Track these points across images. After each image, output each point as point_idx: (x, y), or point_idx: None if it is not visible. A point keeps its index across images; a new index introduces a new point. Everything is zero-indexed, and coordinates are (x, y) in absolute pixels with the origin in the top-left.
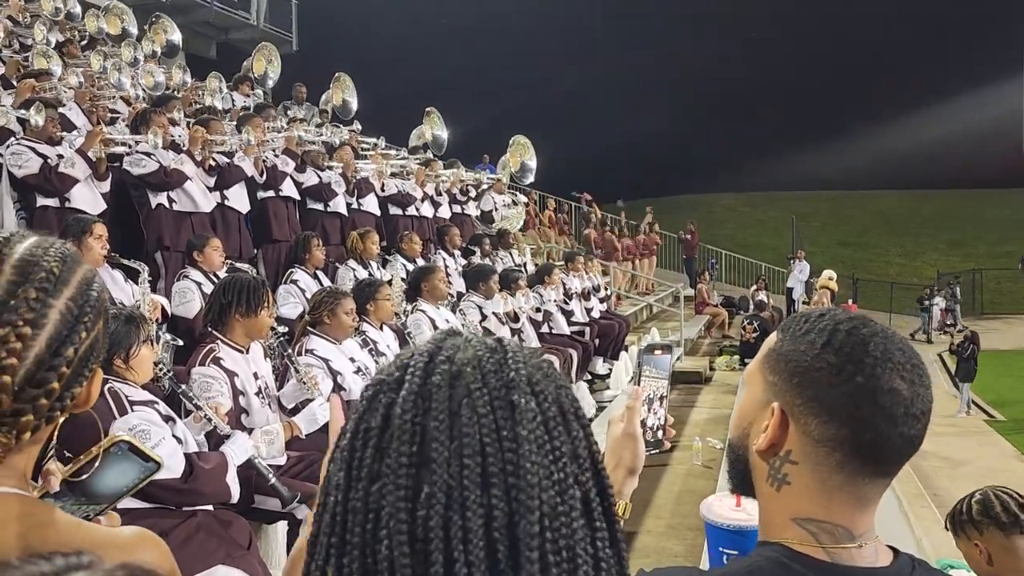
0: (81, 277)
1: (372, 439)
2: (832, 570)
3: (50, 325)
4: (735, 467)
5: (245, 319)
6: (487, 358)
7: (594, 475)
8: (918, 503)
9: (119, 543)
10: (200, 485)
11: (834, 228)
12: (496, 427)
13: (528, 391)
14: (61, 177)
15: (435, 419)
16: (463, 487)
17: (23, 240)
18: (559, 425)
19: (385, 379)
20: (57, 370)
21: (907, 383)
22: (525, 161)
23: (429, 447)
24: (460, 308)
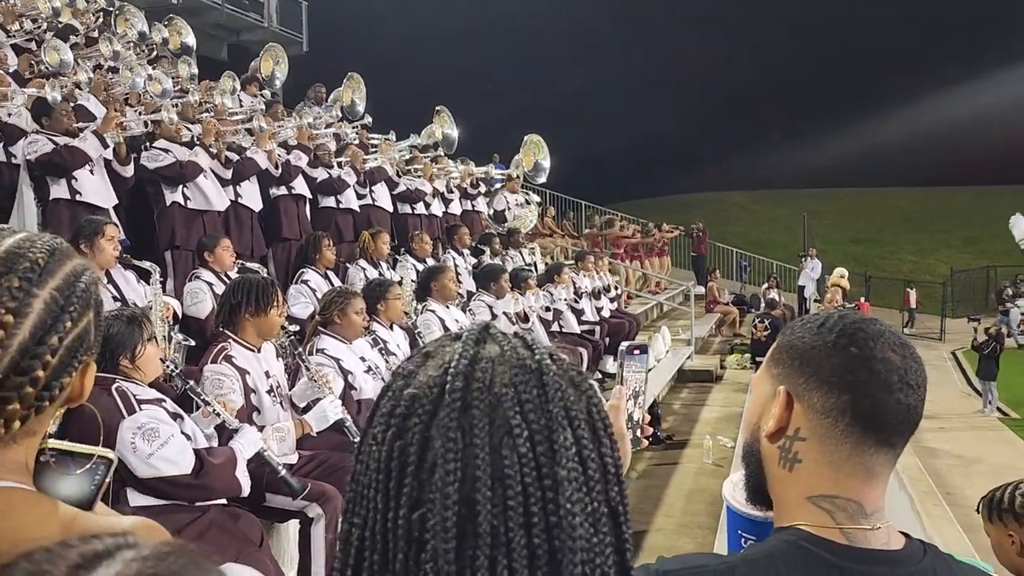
0: (70, 269)
1: (411, 466)
2: (849, 552)
3: (34, 314)
4: (749, 468)
5: (255, 318)
6: (524, 385)
7: (619, 487)
8: (930, 501)
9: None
10: (210, 480)
11: (846, 225)
12: (537, 467)
13: (566, 423)
14: (72, 150)
15: (478, 458)
16: (508, 528)
17: (13, 235)
18: (592, 451)
19: (418, 396)
20: (41, 358)
21: (899, 356)
22: (539, 160)
23: (472, 487)
24: (470, 308)
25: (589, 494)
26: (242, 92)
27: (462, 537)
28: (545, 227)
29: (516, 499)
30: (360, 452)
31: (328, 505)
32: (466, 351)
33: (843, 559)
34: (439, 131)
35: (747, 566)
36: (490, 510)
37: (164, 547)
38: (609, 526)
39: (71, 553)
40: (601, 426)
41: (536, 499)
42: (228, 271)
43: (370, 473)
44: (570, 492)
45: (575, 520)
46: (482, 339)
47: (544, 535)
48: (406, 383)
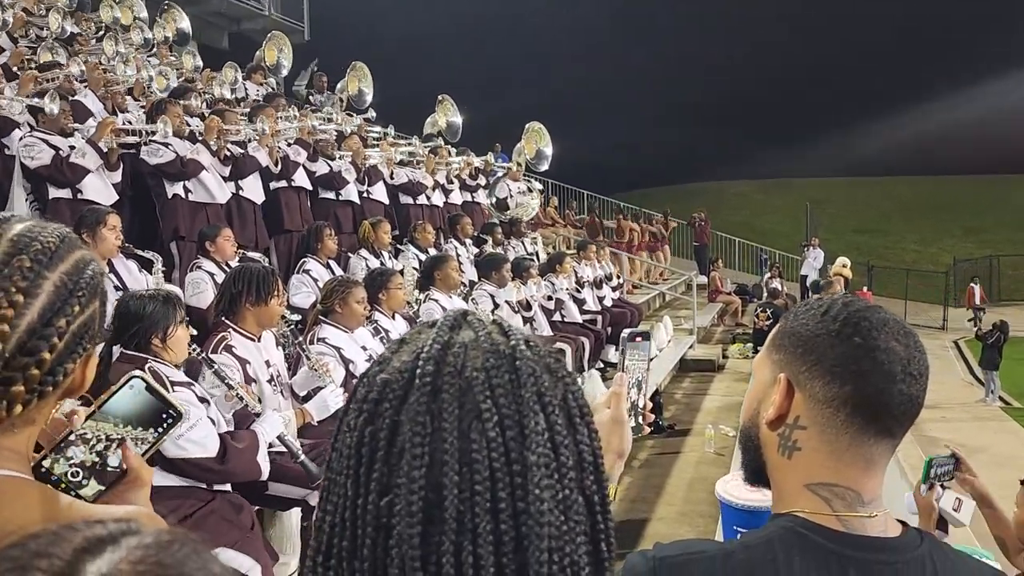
0: (78, 257)
1: (380, 451)
2: (845, 539)
3: (43, 295)
4: (748, 453)
5: (256, 308)
6: (496, 370)
7: (596, 476)
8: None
9: None
10: (233, 465)
11: (849, 215)
12: (506, 452)
13: (538, 408)
14: (72, 167)
15: (446, 442)
16: (474, 514)
17: (22, 222)
18: (566, 438)
19: (390, 381)
20: (48, 340)
21: (903, 346)
22: (541, 148)
23: (440, 471)
24: (472, 297)
25: (560, 481)
26: (247, 81)
27: (428, 522)
28: (547, 217)
29: (483, 484)
30: (335, 439)
31: None
32: (439, 336)
33: (839, 545)
34: (442, 119)
35: (745, 551)
36: (456, 495)
37: (166, 535)
38: (583, 515)
39: (76, 537)
40: (578, 413)
41: (504, 484)
42: (229, 261)
43: (342, 460)
44: (539, 478)
45: (543, 507)
46: (457, 325)
47: (511, 521)
48: (380, 369)
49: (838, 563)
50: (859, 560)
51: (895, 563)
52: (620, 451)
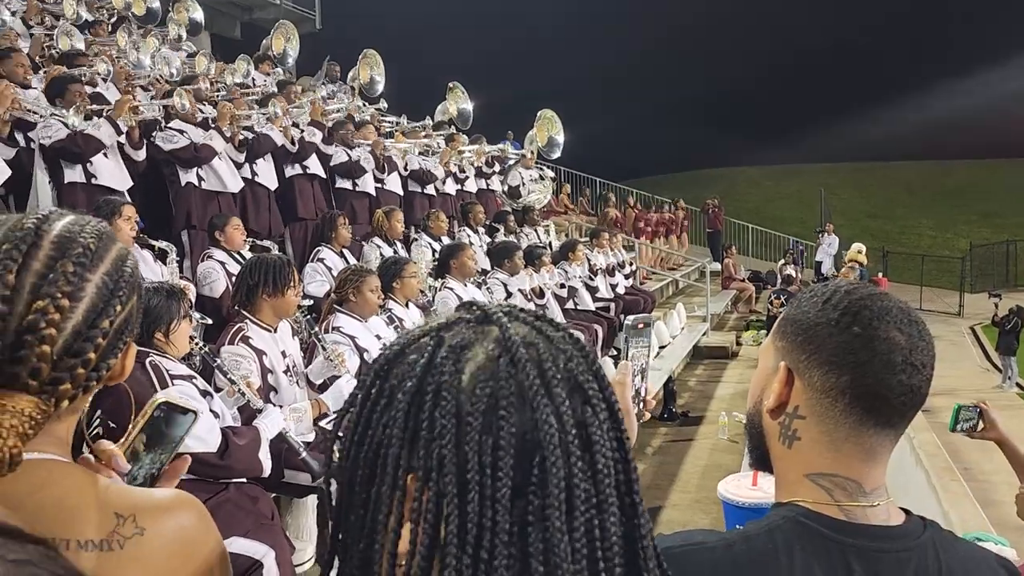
0: (116, 254)
1: (506, 459)
2: (847, 527)
3: (87, 298)
4: (752, 439)
5: (272, 299)
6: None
7: (626, 478)
8: (947, 476)
9: (160, 505)
10: (234, 460)
11: (863, 200)
12: (609, 430)
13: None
14: (86, 138)
15: (569, 434)
16: (599, 492)
17: (61, 218)
18: (582, 470)
19: (496, 390)
20: (93, 341)
21: (905, 335)
22: (553, 135)
23: (569, 461)
24: (486, 285)
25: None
26: (255, 71)
27: (568, 511)
28: (560, 205)
29: (602, 462)
30: (400, 461)
31: None
32: (510, 335)
33: (840, 533)
34: (453, 107)
35: (745, 542)
36: (585, 478)
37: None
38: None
39: None
40: (604, 384)
41: (611, 459)
42: (239, 250)
43: (441, 478)
44: (628, 444)
45: (636, 473)
46: (509, 319)
47: (621, 489)
48: (455, 379)
49: (839, 552)
50: (859, 548)
51: (896, 551)
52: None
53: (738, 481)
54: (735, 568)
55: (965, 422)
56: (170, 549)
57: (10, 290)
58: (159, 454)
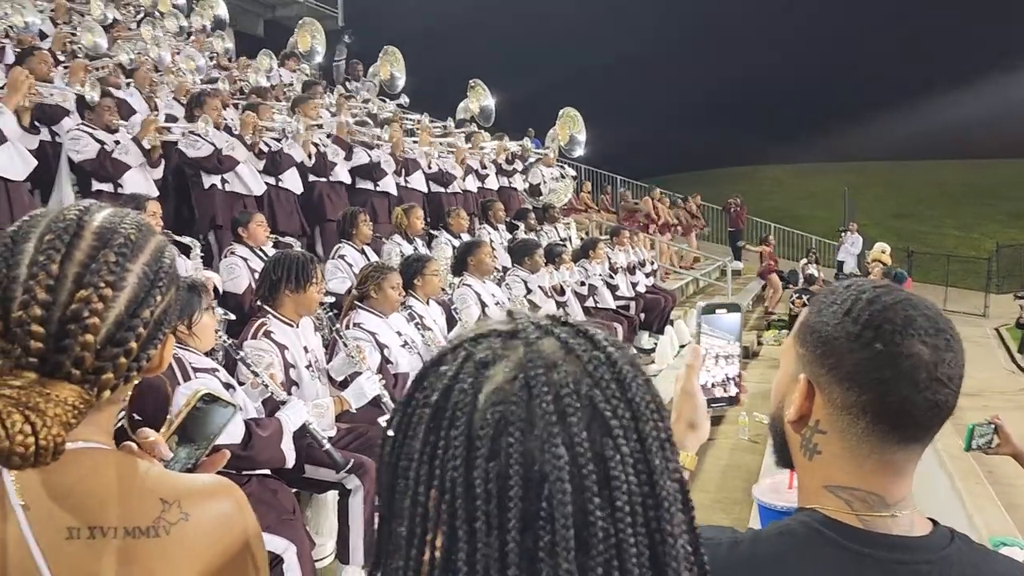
0: (155, 245)
1: (515, 487)
2: (863, 536)
3: (128, 288)
4: (776, 440)
5: (295, 294)
6: (604, 381)
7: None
8: (971, 480)
9: (202, 490)
10: (257, 452)
11: (888, 199)
12: (635, 463)
13: (646, 411)
14: (115, 163)
15: (584, 468)
16: (618, 530)
17: (101, 210)
18: (664, 432)
19: (505, 414)
20: (135, 331)
21: (930, 348)
22: (574, 134)
23: (583, 497)
24: (506, 282)
25: (670, 476)
26: (281, 68)
27: (577, 547)
28: (580, 202)
29: (622, 499)
30: (420, 476)
31: (366, 477)
32: (533, 354)
33: (856, 542)
34: (475, 104)
35: (753, 542)
36: (602, 517)
37: None
38: (682, 504)
39: None
40: (659, 401)
41: (637, 495)
42: (262, 246)
43: (454, 500)
44: (664, 480)
45: (672, 508)
46: (539, 335)
47: (644, 529)
48: (472, 397)
49: (851, 560)
50: (875, 558)
51: (915, 563)
52: (691, 421)
53: (774, 483)
54: (736, 566)
55: (980, 438)
56: (213, 534)
57: (54, 279)
58: (195, 449)
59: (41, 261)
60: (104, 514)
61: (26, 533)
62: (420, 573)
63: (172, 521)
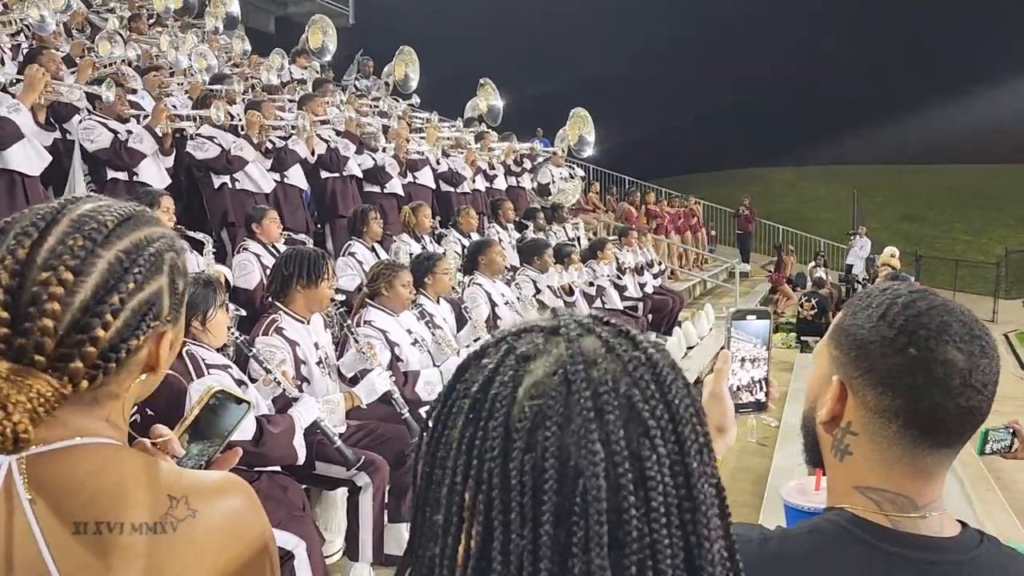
0: (143, 235)
1: (550, 480)
2: (892, 536)
3: (96, 274)
4: (807, 439)
5: (306, 290)
6: (644, 381)
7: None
8: (982, 486)
9: (212, 487)
10: (269, 448)
11: (897, 203)
12: (671, 465)
13: (686, 413)
14: (130, 152)
15: (620, 466)
16: (652, 530)
17: (91, 201)
18: (703, 436)
19: (543, 407)
20: (101, 317)
21: (964, 355)
22: (584, 134)
23: (617, 495)
24: (515, 282)
25: (707, 480)
26: (292, 65)
27: (611, 546)
28: (588, 203)
29: (658, 500)
30: (458, 466)
31: (376, 474)
32: (574, 350)
33: (884, 541)
34: (483, 103)
35: (784, 540)
36: (637, 515)
37: None
38: (719, 508)
39: None
40: (698, 405)
41: (673, 496)
42: (275, 242)
43: (490, 491)
44: (702, 483)
45: (709, 512)
46: (580, 332)
47: (680, 532)
48: (511, 390)
49: (880, 559)
50: (905, 557)
51: (943, 563)
52: (719, 425)
53: (800, 485)
54: (766, 563)
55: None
56: (221, 531)
57: (20, 264)
58: (207, 446)
59: (11, 247)
60: (111, 510)
61: (33, 527)
62: (456, 562)
63: (180, 518)
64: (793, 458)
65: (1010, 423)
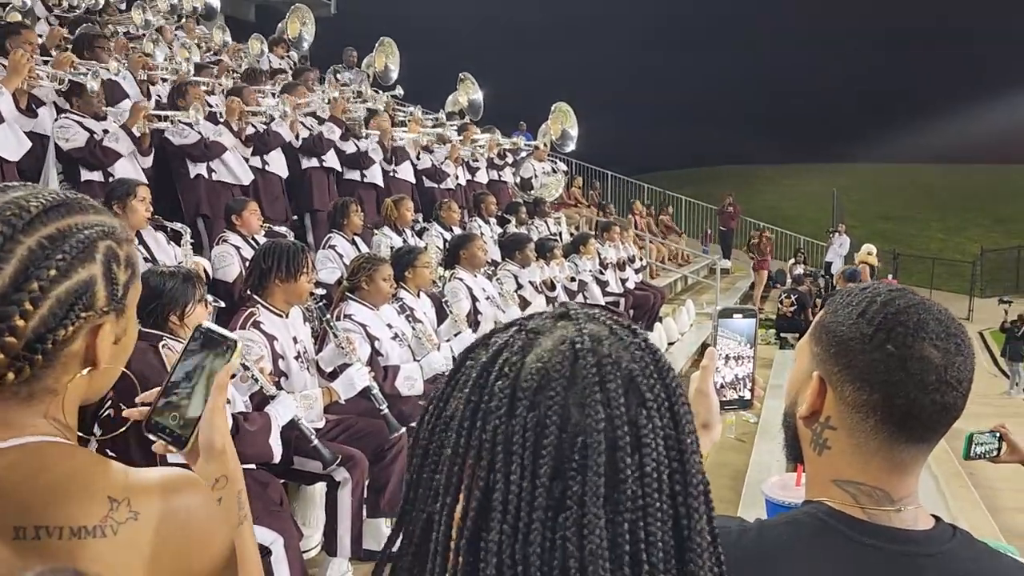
0: (73, 221)
1: (550, 436)
2: (867, 528)
3: (15, 260)
4: (787, 434)
5: (285, 284)
6: (644, 362)
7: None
8: (955, 483)
9: (157, 486)
10: (244, 446)
11: (876, 201)
12: (665, 437)
13: (680, 396)
14: (105, 151)
15: (619, 429)
16: (646, 494)
17: (21, 189)
18: (692, 423)
19: (548, 369)
20: (20, 305)
21: (941, 352)
22: (566, 128)
23: (615, 456)
24: (496, 277)
25: (697, 464)
26: (270, 54)
27: (605, 501)
28: (571, 197)
29: (652, 466)
30: (463, 428)
31: (355, 470)
32: (581, 328)
33: (859, 533)
34: (464, 98)
35: (759, 531)
36: (633, 476)
37: None
38: (704, 496)
39: None
40: (687, 397)
41: (665, 466)
42: (255, 234)
43: (494, 447)
44: (695, 459)
45: (700, 487)
46: (587, 318)
47: (670, 500)
48: (520, 357)
49: (857, 550)
50: (878, 548)
51: (916, 555)
52: (705, 422)
53: (782, 480)
54: (744, 553)
55: (980, 446)
56: (167, 533)
57: None
58: (195, 384)
59: None
60: (50, 513)
61: None
62: (453, 519)
63: (120, 520)
64: (771, 454)
65: (996, 427)
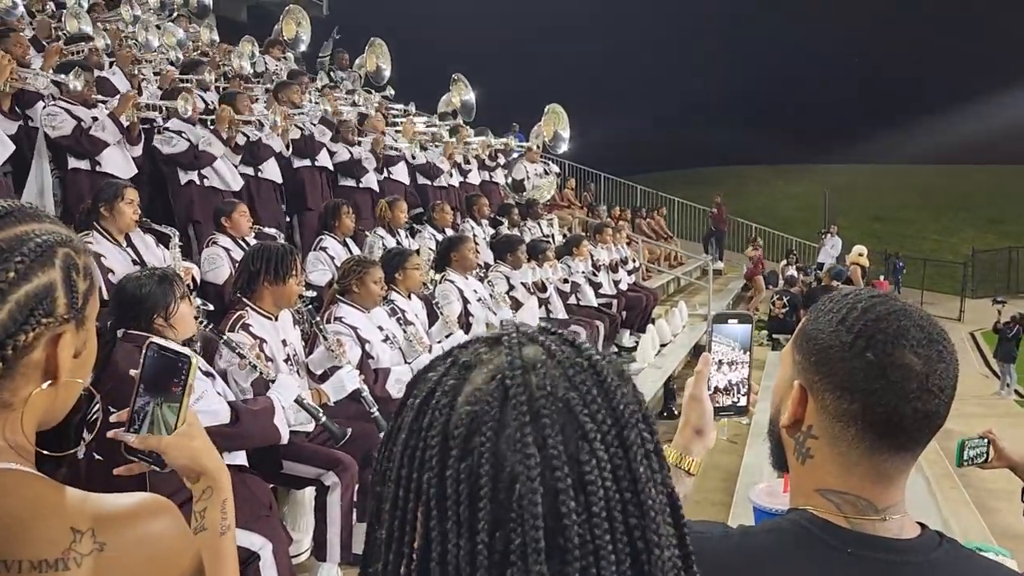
0: (28, 228)
1: (484, 488)
2: (849, 537)
3: None
4: (773, 443)
5: (274, 287)
6: (585, 385)
7: (667, 470)
8: (946, 484)
9: (124, 514)
10: (247, 428)
11: (868, 202)
12: (613, 469)
13: (632, 419)
14: (92, 140)
15: (558, 470)
16: (594, 536)
17: None
18: (651, 443)
19: (478, 412)
20: None
21: (922, 359)
22: (558, 130)
23: (556, 499)
24: (488, 279)
25: (657, 486)
26: (266, 56)
27: (550, 552)
28: (563, 199)
29: (599, 505)
30: (400, 478)
31: (344, 474)
32: (513, 357)
33: (842, 542)
34: (457, 99)
35: (741, 537)
36: (578, 521)
37: None
38: (672, 517)
39: None
40: (646, 412)
41: (616, 501)
42: (245, 236)
43: (428, 501)
44: (649, 489)
45: (657, 518)
46: (522, 341)
47: (626, 537)
48: (451, 399)
49: (839, 558)
50: (860, 557)
51: (900, 564)
52: (698, 427)
53: (769, 487)
54: (724, 560)
55: (971, 450)
56: (134, 563)
57: None
58: (162, 404)
59: None
60: (9, 545)
61: None
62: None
63: (84, 552)
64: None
65: (984, 432)
